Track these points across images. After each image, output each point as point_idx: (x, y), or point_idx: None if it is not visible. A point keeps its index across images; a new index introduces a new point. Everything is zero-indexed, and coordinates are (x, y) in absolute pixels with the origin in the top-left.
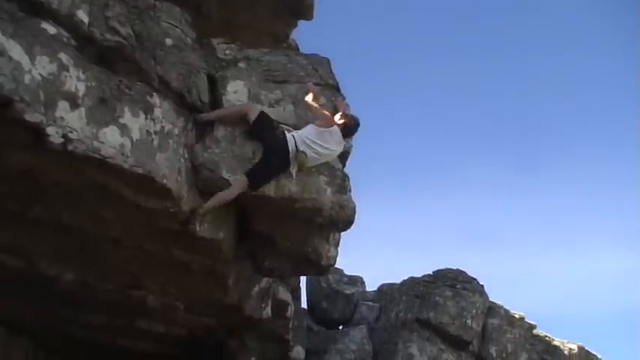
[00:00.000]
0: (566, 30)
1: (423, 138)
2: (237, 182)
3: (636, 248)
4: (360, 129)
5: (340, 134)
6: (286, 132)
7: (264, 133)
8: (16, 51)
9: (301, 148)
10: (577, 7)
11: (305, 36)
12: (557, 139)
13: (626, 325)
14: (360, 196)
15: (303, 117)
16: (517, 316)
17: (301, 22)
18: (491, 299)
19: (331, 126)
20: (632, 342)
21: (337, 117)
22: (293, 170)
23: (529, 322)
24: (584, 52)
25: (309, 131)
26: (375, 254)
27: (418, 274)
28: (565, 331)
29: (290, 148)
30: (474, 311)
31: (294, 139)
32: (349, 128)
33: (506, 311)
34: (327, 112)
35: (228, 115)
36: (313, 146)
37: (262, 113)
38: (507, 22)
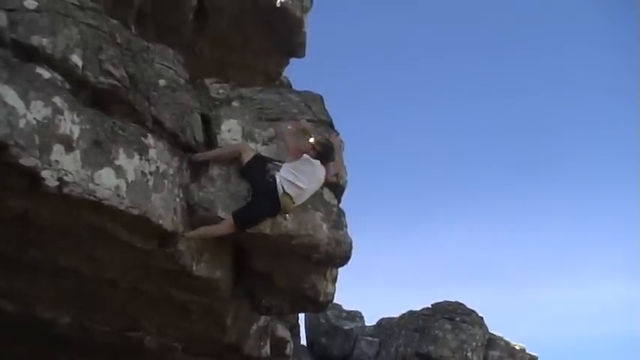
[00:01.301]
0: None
1: (421, 174)
2: (224, 222)
3: (633, 277)
4: (345, 147)
5: (314, 162)
6: (277, 176)
7: (255, 177)
8: (10, 96)
9: (287, 190)
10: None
11: (297, 73)
12: (555, 173)
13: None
14: (357, 231)
15: None
16: (518, 348)
17: (293, 60)
18: (491, 331)
19: (300, 157)
20: None
21: (308, 146)
22: (282, 213)
23: (530, 353)
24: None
25: (285, 171)
26: (373, 288)
27: (417, 308)
28: None
29: (279, 194)
30: (474, 344)
31: (281, 183)
32: (322, 152)
33: (507, 343)
34: (292, 145)
35: (222, 155)
36: (296, 182)
37: (256, 156)
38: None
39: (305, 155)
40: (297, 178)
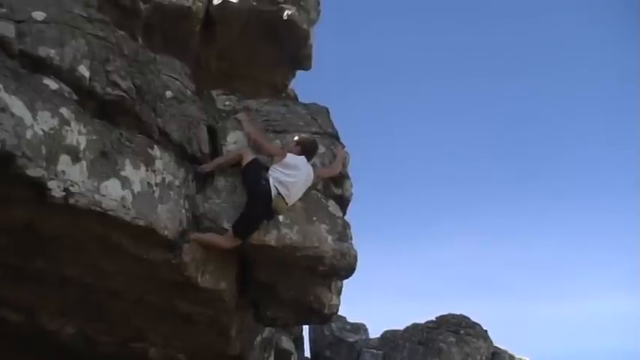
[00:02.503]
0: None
1: (425, 186)
2: (227, 235)
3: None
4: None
5: (299, 158)
6: (270, 179)
7: (250, 180)
8: (18, 107)
9: (280, 191)
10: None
11: (304, 85)
12: (559, 187)
13: None
14: (362, 244)
15: None
16: None
17: (300, 72)
18: (495, 344)
19: (285, 156)
20: None
21: (291, 144)
22: (277, 215)
23: None
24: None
25: (274, 172)
26: (377, 301)
27: (421, 320)
28: None
29: (273, 194)
30: (479, 357)
31: (274, 185)
32: (307, 149)
33: (511, 356)
34: (275, 146)
35: (226, 162)
36: (286, 181)
37: (254, 160)
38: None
39: (289, 154)
40: (287, 175)
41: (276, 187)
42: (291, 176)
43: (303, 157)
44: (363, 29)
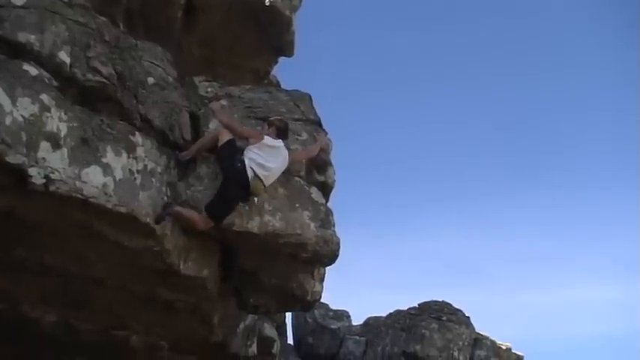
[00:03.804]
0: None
1: (408, 174)
2: (201, 216)
3: (618, 279)
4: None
5: (276, 141)
6: (245, 160)
7: (224, 163)
8: None
9: (257, 172)
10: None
11: (286, 72)
12: (544, 168)
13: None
14: (344, 231)
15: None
16: (504, 347)
17: (282, 59)
18: (477, 330)
19: (262, 139)
20: None
21: (265, 127)
22: (254, 197)
23: (516, 352)
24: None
25: (251, 153)
26: (360, 288)
27: (404, 307)
28: None
29: (249, 176)
30: (461, 343)
31: (250, 167)
32: (280, 130)
33: (493, 342)
34: (249, 128)
35: (203, 145)
36: (264, 163)
37: (229, 141)
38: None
39: (266, 136)
40: (265, 159)
41: (252, 169)
42: (268, 158)
43: (280, 140)
44: (347, 17)
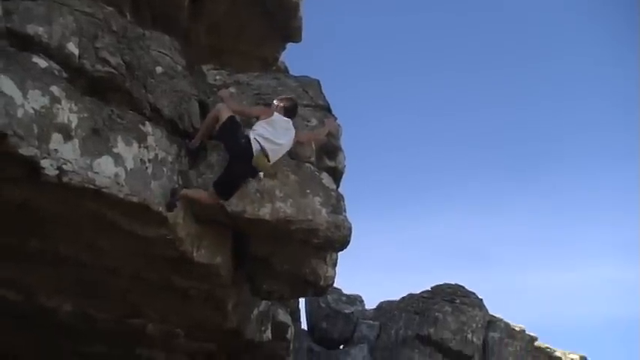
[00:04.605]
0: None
1: (416, 157)
2: (209, 192)
3: (628, 258)
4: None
5: (286, 119)
6: (250, 135)
7: (227, 140)
8: (7, 86)
9: (263, 145)
10: (575, 14)
11: (294, 58)
12: (548, 152)
13: (625, 332)
14: (355, 216)
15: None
16: (517, 329)
17: (290, 45)
18: (490, 312)
19: (272, 115)
20: (632, 349)
21: (274, 105)
22: (259, 172)
23: (530, 334)
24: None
25: (259, 127)
26: (372, 272)
27: (416, 291)
28: (566, 342)
29: (255, 151)
30: (474, 325)
31: (257, 141)
32: (290, 109)
33: (507, 324)
34: (258, 107)
35: (207, 128)
36: (271, 138)
37: (230, 118)
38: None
39: (276, 113)
40: (272, 133)
41: (259, 143)
42: (277, 133)
43: (289, 119)
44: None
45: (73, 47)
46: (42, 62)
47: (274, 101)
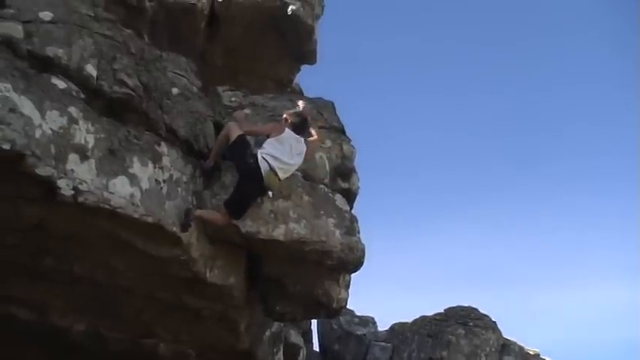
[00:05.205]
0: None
1: (428, 178)
2: (222, 214)
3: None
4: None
5: (296, 135)
6: (259, 154)
7: (236, 160)
8: (27, 107)
9: (273, 165)
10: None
11: (309, 80)
12: (565, 173)
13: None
14: (368, 236)
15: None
16: (532, 352)
17: (305, 66)
18: (504, 335)
19: (283, 131)
20: None
21: (283, 120)
22: (270, 190)
23: (544, 358)
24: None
25: (268, 145)
26: (385, 294)
27: (429, 313)
28: None
29: (263, 171)
30: (488, 349)
31: (265, 160)
32: (299, 125)
33: (521, 348)
34: (269, 124)
35: (219, 147)
36: (280, 157)
37: (239, 137)
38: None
39: (287, 129)
40: (282, 151)
41: (267, 162)
42: (287, 156)
43: (295, 136)
44: (368, 24)
45: (91, 69)
46: (61, 83)
47: (284, 115)
